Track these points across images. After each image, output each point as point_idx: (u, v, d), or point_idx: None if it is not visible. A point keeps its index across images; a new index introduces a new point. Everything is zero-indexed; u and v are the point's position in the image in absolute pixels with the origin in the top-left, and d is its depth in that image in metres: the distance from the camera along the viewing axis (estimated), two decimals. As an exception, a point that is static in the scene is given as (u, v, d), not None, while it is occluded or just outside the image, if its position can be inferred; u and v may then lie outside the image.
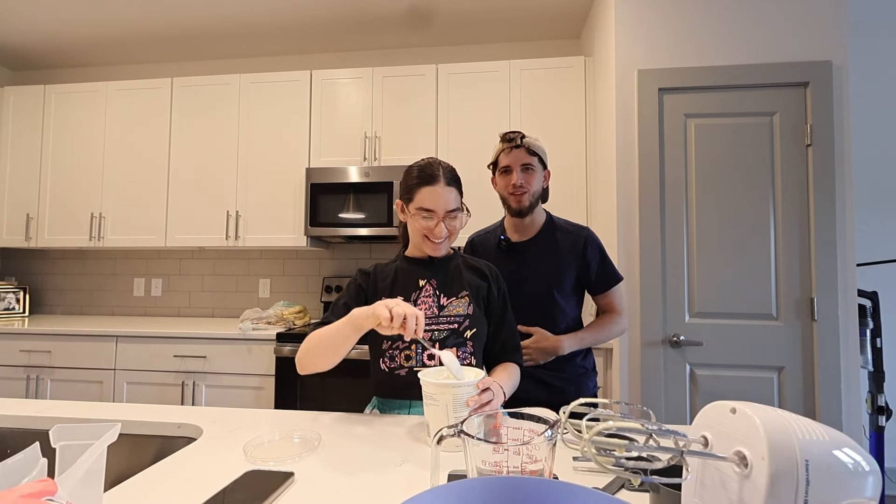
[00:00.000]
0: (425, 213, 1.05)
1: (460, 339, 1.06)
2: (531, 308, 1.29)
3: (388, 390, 1.06)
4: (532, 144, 1.28)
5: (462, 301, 1.09)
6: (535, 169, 1.28)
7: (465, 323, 1.07)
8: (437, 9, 2.51)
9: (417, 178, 1.06)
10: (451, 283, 1.11)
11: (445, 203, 1.04)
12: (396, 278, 1.11)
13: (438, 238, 1.06)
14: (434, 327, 1.06)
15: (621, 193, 1.96)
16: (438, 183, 1.04)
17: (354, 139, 2.55)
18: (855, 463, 0.40)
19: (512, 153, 1.28)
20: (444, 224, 1.05)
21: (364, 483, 0.69)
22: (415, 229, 1.08)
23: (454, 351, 1.04)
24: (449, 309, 1.07)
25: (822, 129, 1.83)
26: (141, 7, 2.50)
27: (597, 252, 1.33)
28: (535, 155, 1.28)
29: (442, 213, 1.04)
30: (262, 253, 2.93)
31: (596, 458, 0.43)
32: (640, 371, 1.87)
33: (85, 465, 0.48)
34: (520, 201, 1.28)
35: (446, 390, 0.81)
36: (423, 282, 1.10)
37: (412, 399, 1.03)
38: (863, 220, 2.41)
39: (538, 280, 1.30)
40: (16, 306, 2.87)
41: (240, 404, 2.22)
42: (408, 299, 1.07)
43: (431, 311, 1.06)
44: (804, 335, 1.82)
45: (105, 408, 1.04)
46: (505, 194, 1.31)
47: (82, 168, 2.75)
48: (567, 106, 2.41)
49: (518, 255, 1.34)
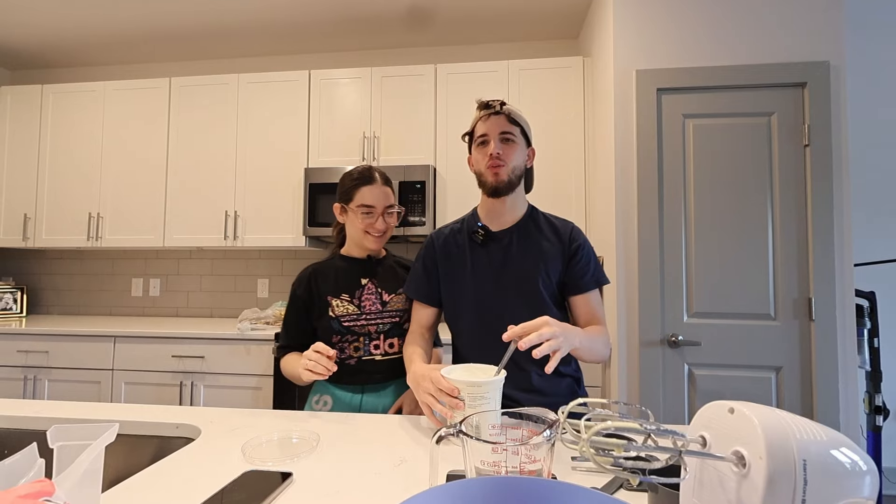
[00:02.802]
0: (366, 209, 1.18)
1: (400, 330, 1.22)
2: (515, 305, 1.09)
3: (338, 378, 1.17)
4: (513, 112, 1.10)
5: (400, 297, 1.24)
6: (516, 140, 1.10)
7: (404, 316, 1.23)
8: (437, 9, 2.51)
9: (357, 179, 1.20)
10: (389, 281, 1.25)
11: (385, 199, 1.19)
12: (339, 277, 1.23)
13: (378, 232, 1.19)
14: (378, 321, 1.20)
15: (620, 193, 1.96)
16: (376, 182, 1.20)
17: (353, 139, 2.55)
18: (852, 462, 0.41)
19: (490, 120, 1.09)
20: (383, 218, 1.19)
21: (363, 483, 0.69)
22: (356, 227, 1.21)
23: (396, 341, 1.21)
24: (391, 305, 1.22)
25: (820, 130, 1.84)
26: (139, 7, 2.49)
27: (584, 242, 1.14)
28: (516, 125, 1.10)
29: (381, 209, 1.19)
30: (260, 253, 2.93)
31: (594, 458, 0.43)
32: (639, 371, 1.88)
33: (83, 465, 0.47)
34: (497, 174, 1.07)
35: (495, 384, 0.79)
36: (364, 280, 1.23)
37: (363, 384, 1.18)
38: (860, 221, 2.42)
39: (523, 272, 1.10)
40: (13, 306, 2.87)
41: (238, 404, 2.21)
42: (353, 297, 1.21)
43: (375, 306, 1.21)
44: (802, 335, 1.82)
45: (103, 408, 1.04)
46: (481, 168, 1.10)
47: (80, 168, 2.74)
48: (565, 106, 2.41)
49: (496, 244, 1.13)
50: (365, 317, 1.19)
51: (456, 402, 0.79)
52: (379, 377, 1.19)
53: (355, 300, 1.20)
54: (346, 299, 1.20)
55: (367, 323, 1.19)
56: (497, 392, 0.80)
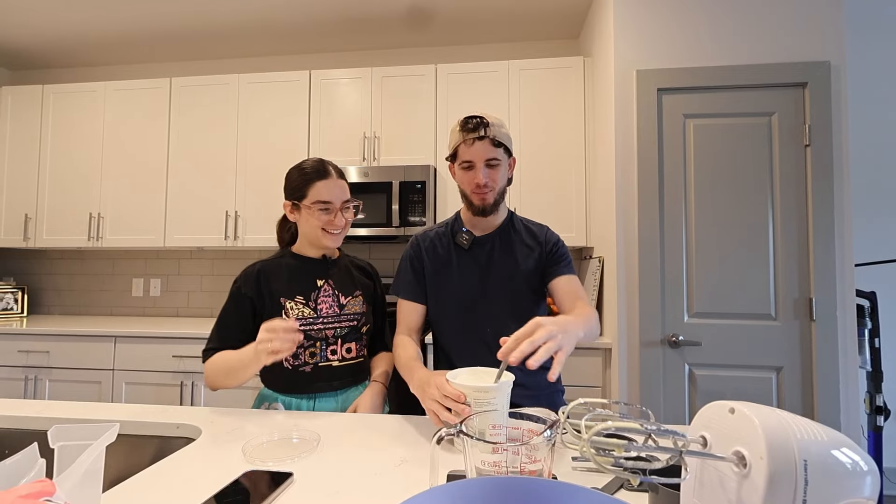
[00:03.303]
0: (322, 205, 1.09)
1: (358, 334, 1.17)
2: (501, 302, 1.12)
3: (291, 386, 1.11)
4: (498, 134, 1.07)
5: (357, 300, 1.18)
6: (500, 162, 1.09)
7: (361, 320, 1.18)
8: (437, 9, 2.51)
9: (310, 174, 1.11)
10: (346, 283, 1.19)
11: (341, 193, 1.12)
12: (292, 278, 1.14)
13: (337, 229, 1.12)
14: (336, 325, 1.14)
15: (620, 193, 1.96)
16: (331, 177, 1.11)
17: (353, 139, 2.55)
18: (853, 463, 0.41)
19: (474, 146, 1.07)
20: (341, 214, 1.12)
21: (363, 483, 0.69)
22: (311, 225, 1.12)
23: (353, 345, 1.16)
24: (348, 308, 1.16)
25: (821, 130, 1.84)
26: (140, 7, 2.49)
27: (558, 240, 1.19)
28: (500, 146, 1.08)
29: (339, 204, 1.11)
30: (261, 253, 2.92)
31: (595, 459, 0.43)
32: (639, 371, 1.88)
33: (83, 465, 0.47)
34: (484, 200, 1.10)
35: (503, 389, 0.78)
36: (320, 282, 1.16)
37: (316, 392, 1.11)
38: (861, 221, 2.41)
39: (506, 272, 1.14)
40: (14, 306, 2.87)
41: (238, 404, 2.21)
42: (308, 299, 1.13)
43: (332, 309, 1.14)
44: (803, 335, 1.82)
45: (103, 408, 1.04)
46: (467, 191, 1.13)
47: (81, 168, 2.75)
48: (566, 106, 2.41)
49: (480, 248, 1.16)
50: (322, 320, 1.12)
51: (462, 407, 0.77)
52: (336, 384, 1.12)
53: (311, 303, 1.12)
54: (300, 302, 1.11)
55: (324, 327, 1.12)
56: (504, 396, 0.78)
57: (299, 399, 1.11)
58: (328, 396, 1.12)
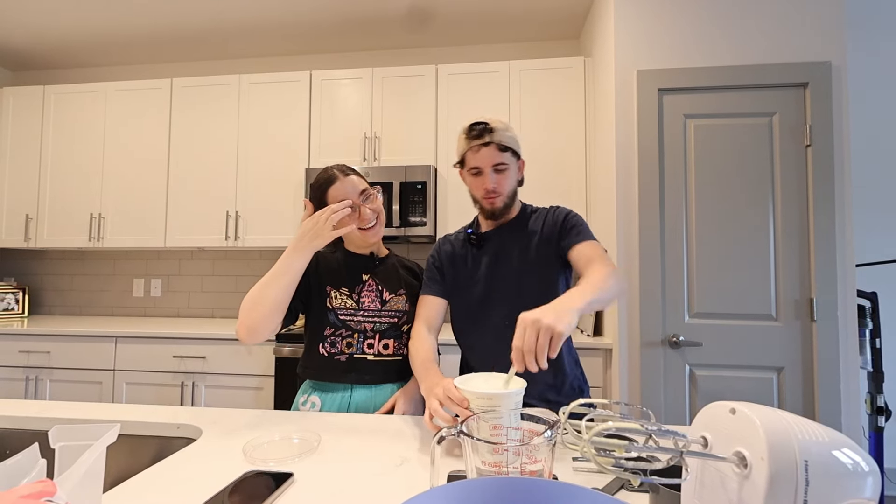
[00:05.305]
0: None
1: (397, 332, 1.17)
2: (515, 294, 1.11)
3: (327, 374, 1.12)
4: (503, 139, 1.08)
5: (400, 298, 1.19)
6: (508, 165, 1.10)
7: (403, 318, 1.18)
8: (437, 9, 2.51)
9: (322, 184, 1.14)
10: (390, 280, 1.20)
11: (354, 189, 1.14)
12: (341, 270, 1.18)
13: (368, 222, 1.14)
14: (376, 319, 1.15)
15: (621, 194, 1.96)
16: (338, 179, 1.14)
17: (354, 139, 2.55)
18: (854, 463, 0.40)
19: (481, 153, 1.09)
20: (364, 207, 1.14)
21: (364, 484, 0.69)
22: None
23: (392, 343, 1.15)
24: (390, 304, 1.17)
25: (822, 130, 1.83)
26: (141, 7, 2.50)
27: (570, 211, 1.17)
28: (507, 150, 1.10)
29: (357, 199, 1.13)
30: (261, 253, 2.93)
31: (595, 459, 0.43)
32: (640, 371, 1.88)
33: (84, 465, 0.48)
34: (493, 204, 1.13)
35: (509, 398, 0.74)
36: (365, 276, 1.19)
37: (352, 383, 1.12)
38: (862, 221, 2.41)
39: (518, 260, 1.14)
40: (15, 307, 2.87)
41: (239, 405, 2.21)
42: (352, 292, 1.16)
43: (374, 304, 1.16)
44: (803, 336, 1.82)
45: (104, 408, 1.04)
46: (477, 196, 1.15)
47: (82, 168, 2.75)
48: (567, 106, 2.41)
49: (489, 242, 1.18)
50: (362, 313, 1.15)
51: (464, 411, 0.75)
52: (369, 378, 1.13)
53: (354, 295, 1.16)
54: (345, 293, 1.15)
55: (363, 319, 1.15)
56: (510, 403, 0.74)
57: (334, 392, 1.12)
58: (364, 388, 1.13)
